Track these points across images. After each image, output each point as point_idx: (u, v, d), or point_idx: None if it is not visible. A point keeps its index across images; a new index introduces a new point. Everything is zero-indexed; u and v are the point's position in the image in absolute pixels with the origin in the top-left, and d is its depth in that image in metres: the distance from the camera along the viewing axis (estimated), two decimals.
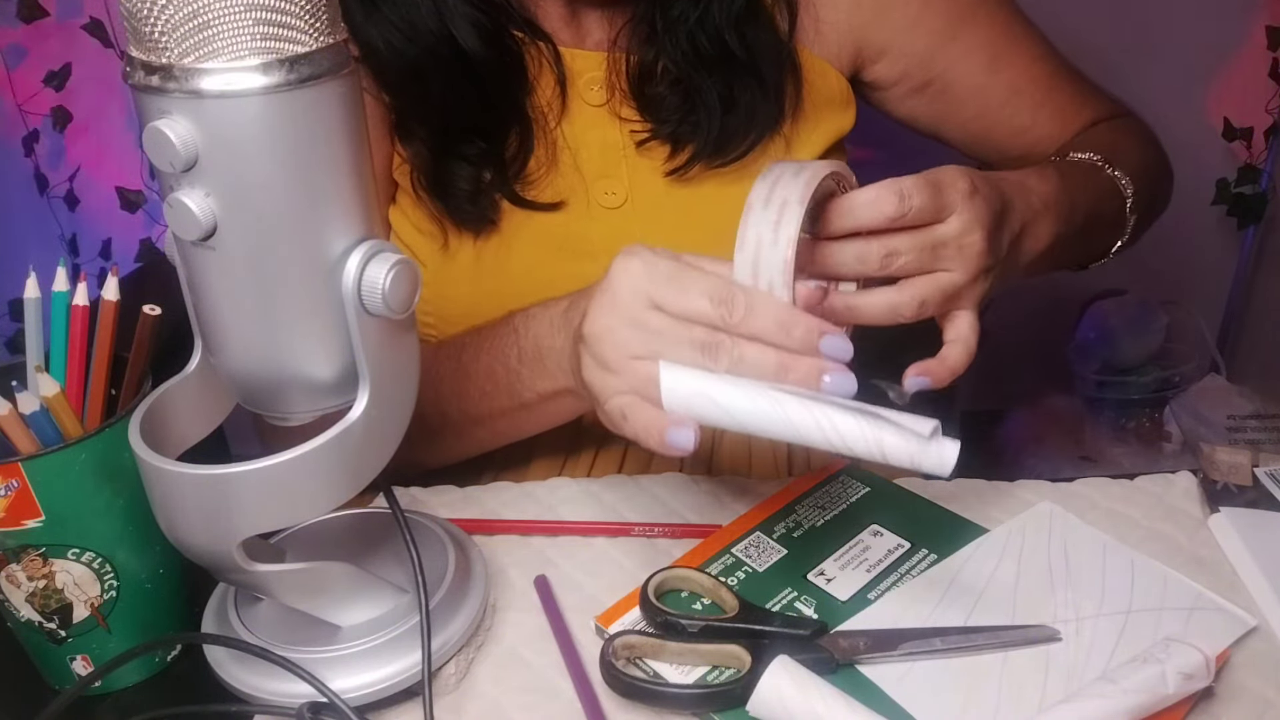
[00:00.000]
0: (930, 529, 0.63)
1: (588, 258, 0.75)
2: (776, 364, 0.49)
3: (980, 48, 0.79)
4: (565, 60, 0.74)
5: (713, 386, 0.50)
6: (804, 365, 0.49)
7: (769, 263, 0.50)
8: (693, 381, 0.50)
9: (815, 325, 0.49)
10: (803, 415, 0.49)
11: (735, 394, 0.49)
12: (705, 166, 0.75)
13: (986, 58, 0.79)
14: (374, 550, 0.58)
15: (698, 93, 0.73)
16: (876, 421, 0.48)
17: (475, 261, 0.74)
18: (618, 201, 0.75)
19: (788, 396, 0.49)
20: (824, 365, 0.49)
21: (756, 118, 0.74)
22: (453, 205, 0.73)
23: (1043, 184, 0.63)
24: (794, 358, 0.49)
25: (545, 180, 0.75)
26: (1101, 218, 0.72)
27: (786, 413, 0.49)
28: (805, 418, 0.49)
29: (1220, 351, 1.87)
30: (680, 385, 0.50)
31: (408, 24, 0.69)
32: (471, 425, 0.71)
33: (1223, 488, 0.65)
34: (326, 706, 0.50)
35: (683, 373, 0.50)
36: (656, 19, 0.72)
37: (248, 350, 0.48)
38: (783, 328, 0.49)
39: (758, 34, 0.74)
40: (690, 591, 0.59)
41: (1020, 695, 0.52)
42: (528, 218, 0.74)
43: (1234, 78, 1.72)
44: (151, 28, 0.40)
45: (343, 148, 0.45)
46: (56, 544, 0.52)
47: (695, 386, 0.50)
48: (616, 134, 0.75)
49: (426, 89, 0.71)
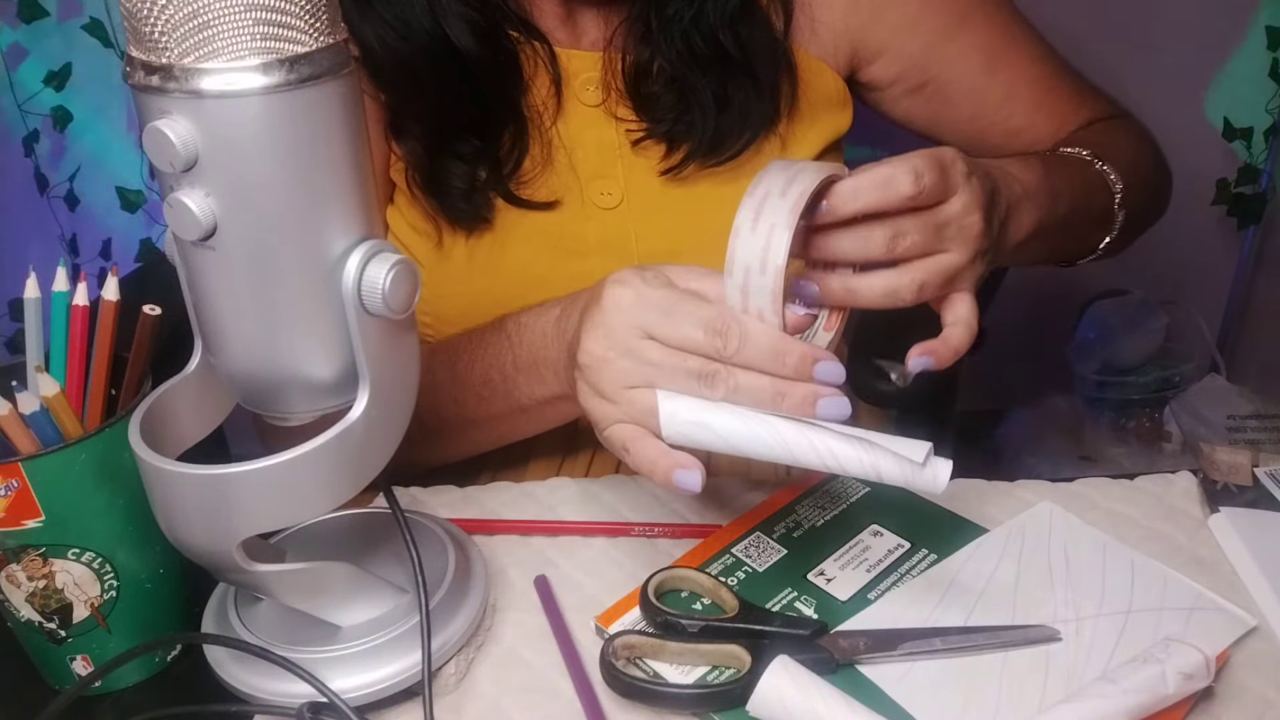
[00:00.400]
0: (930, 529, 0.63)
1: (582, 257, 0.75)
2: (772, 391, 0.50)
3: (977, 49, 0.79)
4: (561, 60, 0.74)
5: (710, 415, 0.51)
6: (799, 392, 0.50)
7: (758, 289, 0.50)
8: (690, 411, 0.51)
9: (809, 352, 0.50)
10: (799, 441, 0.50)
11: (732, 422, 0.51)
12: (700, 166, 0.75)
13: (983, 59, 0.79)
14: (374, 550, 0.58)
15: (692, 92, 0.73)
16: (871, 448, 0.50)
17: (470, 261, 0.74)
18: (613, 202, 0.75)
19: (783, 423, 0.50)
20: (818, 391, 0.50)
21: (751, 117, 0.74)
22: (447, 203, 0.73)
23: (1025, 172, 0.63)
24: (789, 384, 0.50)
25: (540, 179, 0.74)
26: (1088, 211, 0.72)
27: (783, 439, 0.50)
28: (801, 444, 0.50)
29: (1220, 351, 1.87)
30: (678, 415, 0.51)
31: (402, 22, 0.69)
32: (469, 428, 0.71)
33: (1223, 488, 0.65)
34: (326, 706, 0.50)
35: (680, 402, 0.51)
36: (651, 18, 0.72)
37: (248, 350, 0.48)
38: (777, 356, 0.50)
39: (752, 33, 0.74)
40: (690, 591, 0.59)
41: (1020, 695, 0.52)
42: (522, 217, 0.74)
43: (1234, 78, 1.72)
44: (151, 28, 0.40)
45: (343, 148, 0.45)
46: (56, 544, 0.52)
47: (693, 416, 0.51)
48: (612, 134, 0.75)
49: (420, 87, 0.71)
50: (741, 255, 0.50)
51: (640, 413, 0.52)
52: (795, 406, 0.50)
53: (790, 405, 0.50)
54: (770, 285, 0.49)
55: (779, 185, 0.50)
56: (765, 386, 0.50)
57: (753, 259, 0.49)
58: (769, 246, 0.49)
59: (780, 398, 0.50)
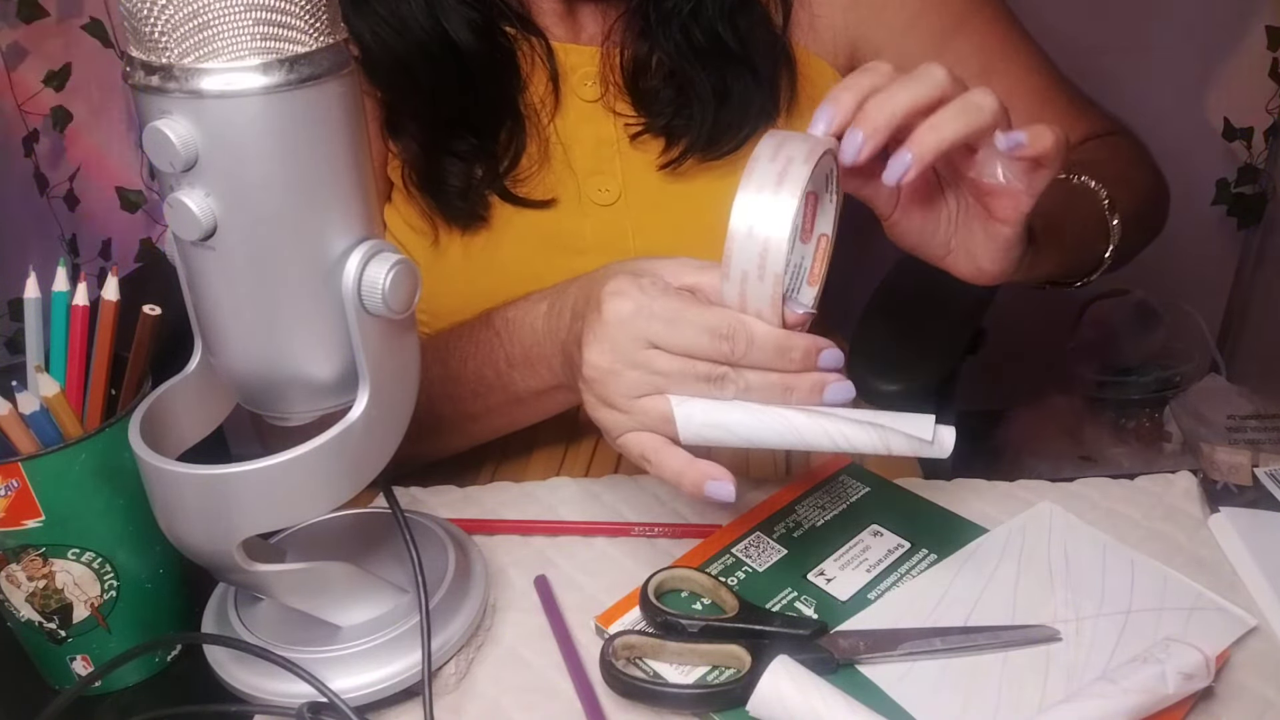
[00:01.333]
0: (930, 529, 0.63)
1: (579, 254, 0.75)
2: (781, 387, 0.51)
3: (973, 55, 0.79)
4: (559, 56, 0.74)
5: (724, 415, 0.52)
6: (806, 383, 0.51)
7: (757, 295, 0.50)
8: (705, 414, 0.52)
9: (811, 345, 0.51)
10: (812, 429, 0.51)
11: (746, 418, 0.52)
12: (699, 160, 0.75)
13: (979, 66, 0.79)
14: (374, 550, 0.58)
15: (691, 85, 0.73)
16: (880, 429, 0.51)
17: (465, 258, 0.74)
18: (611, 198, 0.75)
19: (794, 413, 0.52)
20: (824, 379, 0.52)
21: (750, 110, 0.74)
22: (443, 201, 0.73)
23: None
24: (796, 377, 0.51)
25: (537, 177, 0.74)
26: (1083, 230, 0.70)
27: (796, 429, 0.51)
28: (815, 431, 0.51)
29: (1220, 351, 1.87)
30: (694, 418, 0.52)
31: (397, 18, 0.69)
32: (467, 422, 0.71)
33: (1223, 488, 0.65)
34: (326, 706, 0.50)
35: (694, 405, 0.52)
36: (650, 11, 0.72)
37: (248, 350, 0.48)
38: (782, 353, 0.51)
39: (751, 26, 0.74)
40: (690, 591, 0.59)
41: (1020, 695, 0.52)
42: (518, 214, 0.74)
43: (1234, 78, 1.72)
44: (151, 28, 0.40)
45: (343, 148, 0.45)
46: (56, 544, 0.52)
47: (708, 418, 0.52)
48: (610, 129, 0.75)
49: (417, 84, 0.71)
50: (738, 260, 0.49)
51: (654, 420, 0.52)
52: (804, 398, 0.51)
53: (799, 398, 0.51)
54: (769, 292, 0.49)
55: (770, 179, 0.49)
56: (774, 383, 0.51)
57: (750, 264, 0.49)
58: (766, 251, 0.48)
59: (789, 392, 0.51)
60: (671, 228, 0.76)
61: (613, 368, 0.52)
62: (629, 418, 0.53)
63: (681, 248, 0.75)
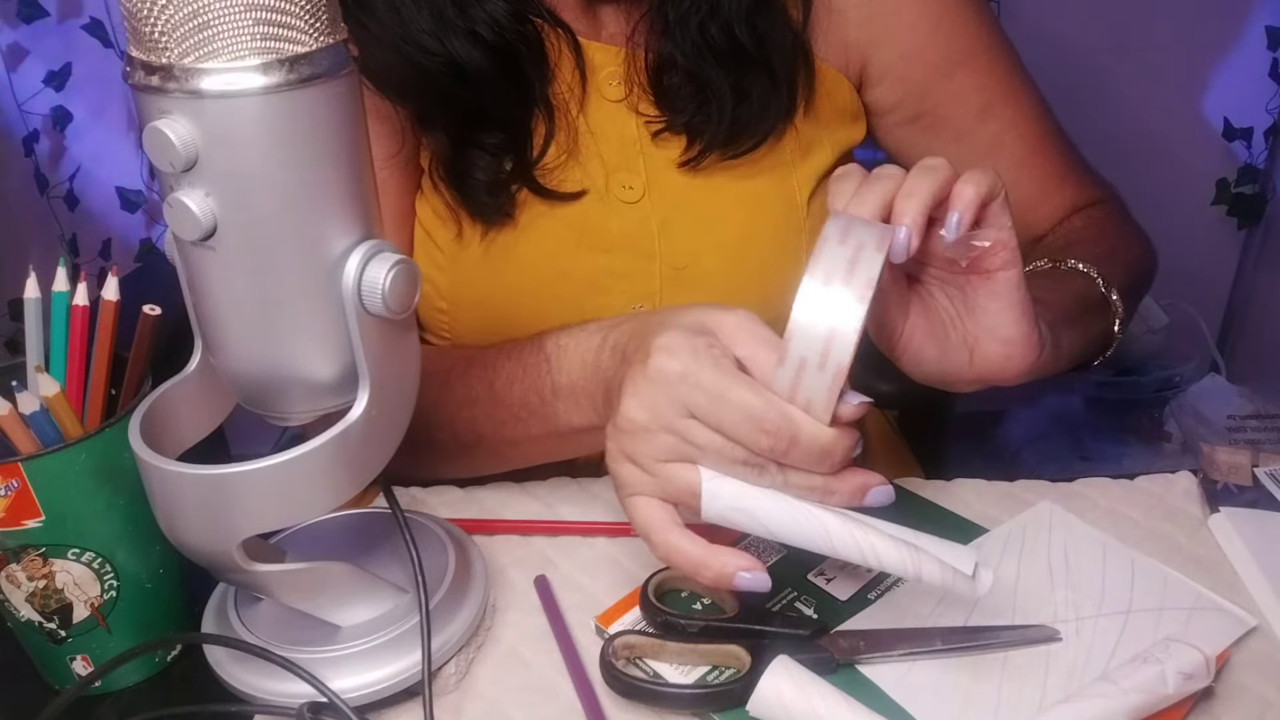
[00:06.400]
0: (930, 529, 0.63)
1: (604, 251, 0.75)
2: (822, 489, 0.50)
3: (974, 92, 0.79)
4: (585, 51, 0.74)
5: (755, 502, 0.50)
6: (847, 488, 0.50)
7: (813, 385, 0.47)
8: (734, 497, 0.50)
9: (862, 483, 0.50)
10: (843, 536, 0.49)
11: (776, 511, 0.50)
12: (719, 158, 0.75)
13: (978, 103, 0.79)
14: (374, 550, 0.58)
15: (709, 85, 0.73)
16: (914, 551, 0.49)
17: (488, 250, 0.74)
18: (635, 195, 0.75)
19: (829, 515, 0.50)
20: (866, 484, 0.50)
21: (769, 110, 0.74)
22: (470, 196, 0.73)
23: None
24: (837, 479, 0.50)
25: (565, 169, 0.74)
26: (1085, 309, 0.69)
27: (827, 533, 0.49)
28: (845, 539, 0.49)
29: (1220, 351, 1.88)
30: (721, 498, 0.50)
31: (426, 16, 0.69)
32: (506, 446, 0.69)
33: (1223, 488, 0.65)
34: (326, 706, 0.50)
35: (724, 484, 0.50)
36: (669, 11, 0.72)
37: (248, 350, 0.48)
38: (826, 458, 0.49)
39: (769, 27, 0.74)
40: (690, 591, 0.59)
41: (1020, 695, 0.52)
42: (545, 210, 0.74)
43: (1234, 78, 1.72)
44: (151, 28, 0.40)
45: (343, 148, 0.45)
46: (56, 544, 0.52)
47: (737, 501, 0.50)
48: (633, 128, 0.76)
49: (444, 82, 0.71)
50: (798, 346, 0.47)
51: (677, 489, 0.50)
52: (843, 501, 0.50)
53: (839, 501, 0.50)
54: (828, 383, 0.47)
55: (840, 266, 0.47)
56: (815, 484, 0.49)
57: (811, 353, 0.47)
58: (832, 342, 0.46)
59: (829, 495, 0.50)
60: (694, 228, 0.76)
61: (648, 427, 0.50)
62: (651, 480, 0.51)
63: (704, 249, 0.75)
